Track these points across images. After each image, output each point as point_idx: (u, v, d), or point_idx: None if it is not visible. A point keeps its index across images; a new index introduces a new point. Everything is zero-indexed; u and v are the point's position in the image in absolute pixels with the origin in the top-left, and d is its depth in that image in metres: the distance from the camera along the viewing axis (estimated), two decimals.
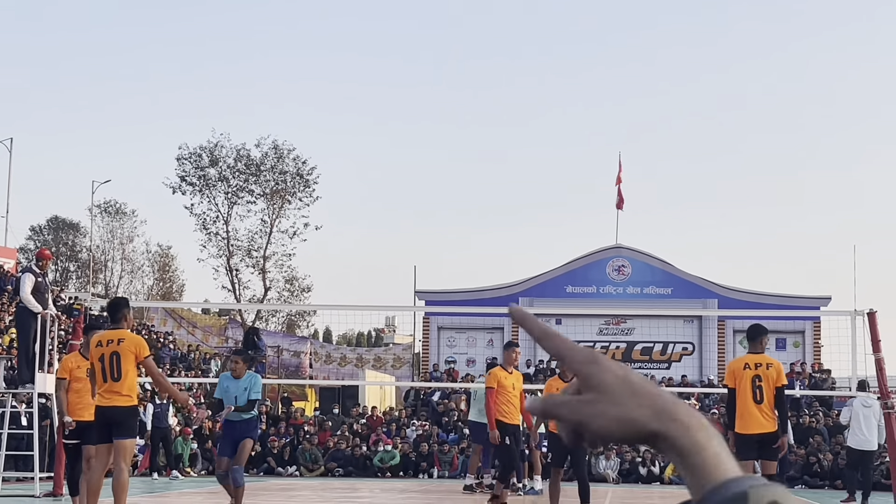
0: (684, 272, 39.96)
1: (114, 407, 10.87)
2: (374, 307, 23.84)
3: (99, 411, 11.02)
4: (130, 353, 10.91)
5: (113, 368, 10.90)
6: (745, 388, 11.34)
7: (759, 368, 11.35)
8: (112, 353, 10.91)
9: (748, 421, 11.39)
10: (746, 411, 11.37)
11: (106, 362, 10.94)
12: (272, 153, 49.84)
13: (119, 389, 10.89)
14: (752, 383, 11.28)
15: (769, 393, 11.30)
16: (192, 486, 22.04)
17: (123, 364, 10.89)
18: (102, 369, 10.96)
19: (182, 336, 44.23)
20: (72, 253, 64.48)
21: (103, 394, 10.96)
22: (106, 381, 10.91)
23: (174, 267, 66.93)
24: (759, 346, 11.64)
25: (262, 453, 28.22)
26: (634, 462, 27.16)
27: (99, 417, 11.02)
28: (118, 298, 12.43)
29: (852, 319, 17.27)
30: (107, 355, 10.93)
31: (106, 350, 10.95)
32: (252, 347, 36.83)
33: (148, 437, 25.82)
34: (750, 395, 11.31)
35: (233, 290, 50.15)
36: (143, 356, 11.00)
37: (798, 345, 38.51)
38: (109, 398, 10.88)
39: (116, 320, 11.33)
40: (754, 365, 11.40)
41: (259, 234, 50.37)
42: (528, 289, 39.84)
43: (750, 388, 11.31)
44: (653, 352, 39.31)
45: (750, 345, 11.77)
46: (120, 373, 10.89)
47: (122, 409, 10.90)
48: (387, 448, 28.44)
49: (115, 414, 10.87)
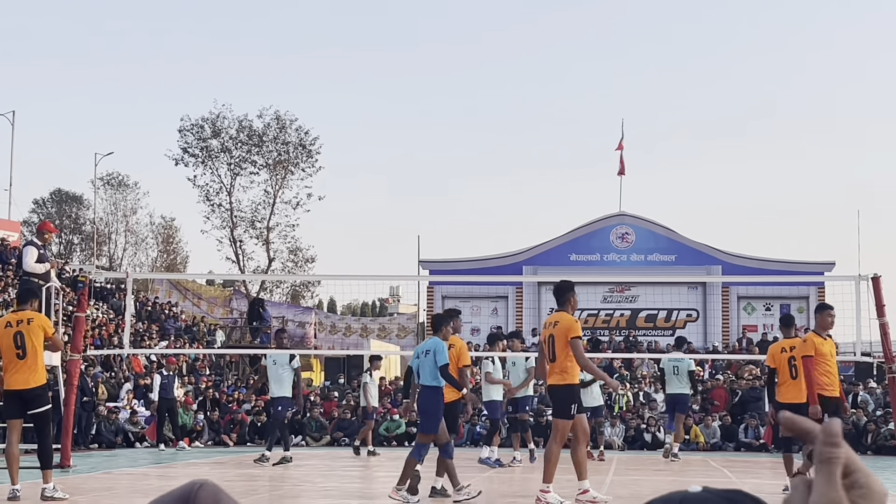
0: (688, 239, 39.92)
1: None
2: (379, 277, 23.81)
3: None
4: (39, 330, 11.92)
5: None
6: (783, 367, 13.82)
7: (793, 351, 13.76)
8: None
9: (786, 393, 13.81)
10: (785, 386, 13.81)
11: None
12: (274, 124, 49.77)
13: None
14: (789, 363, 13.76)
15: (802, 369, 13.56)
16: (198, 456, 22.12)
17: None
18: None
19: (187, 307, 44.29)
20: (75, 226, 64.49)
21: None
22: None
23: (178, 239, 66.99)
24: (791, 332, 14.30)
25: (269, 423, 28.28)
26: (640, 429, 27.22)
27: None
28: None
29: (857, 284, 17.24)
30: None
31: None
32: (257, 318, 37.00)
33: (154, 407, 25.89)
34: (788, 372, 13.77)
35: (237, 261, 50.19)
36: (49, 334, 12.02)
37: (802, 310, 38.51)
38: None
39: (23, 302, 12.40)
40: (789, 348, 13.85)
41: (262, 205, 50.37)
42: (532, 257, 39.83)
43: (787, 366, 13.78)
44: (657, 319, 39.33)
45: (787, 331, 14.43)
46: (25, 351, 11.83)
47: None
48: (392, 417, 28.53)
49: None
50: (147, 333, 33.56)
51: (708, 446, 26.72)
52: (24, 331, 11.75)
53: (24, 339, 11.72)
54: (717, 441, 26.88)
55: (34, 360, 11.77)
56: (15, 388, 11.76)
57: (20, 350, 11.71)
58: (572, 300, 11.67)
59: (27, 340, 11.72)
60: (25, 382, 11.70)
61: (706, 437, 27.02)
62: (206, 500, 1.46)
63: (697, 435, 27.08)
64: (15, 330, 11.77)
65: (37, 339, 11.77)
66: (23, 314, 11.97)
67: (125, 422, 25.97)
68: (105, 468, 17.67)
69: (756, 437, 25.69)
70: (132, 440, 25.66)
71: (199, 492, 1.46)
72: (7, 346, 11.78)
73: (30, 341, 11.73)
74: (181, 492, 1.47)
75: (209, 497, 1.47)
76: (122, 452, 23.26)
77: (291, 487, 14.31)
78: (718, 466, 19.93)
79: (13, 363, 11.77)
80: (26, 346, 11.72)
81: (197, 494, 1.46)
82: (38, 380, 11.79)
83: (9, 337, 11.76)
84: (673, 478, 17.19)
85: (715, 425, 27.27)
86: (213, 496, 1.47)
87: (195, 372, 32.11)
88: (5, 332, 11.80)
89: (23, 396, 11.74)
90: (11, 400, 11.85)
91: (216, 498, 1.48)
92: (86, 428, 24.22)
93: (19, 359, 11.72)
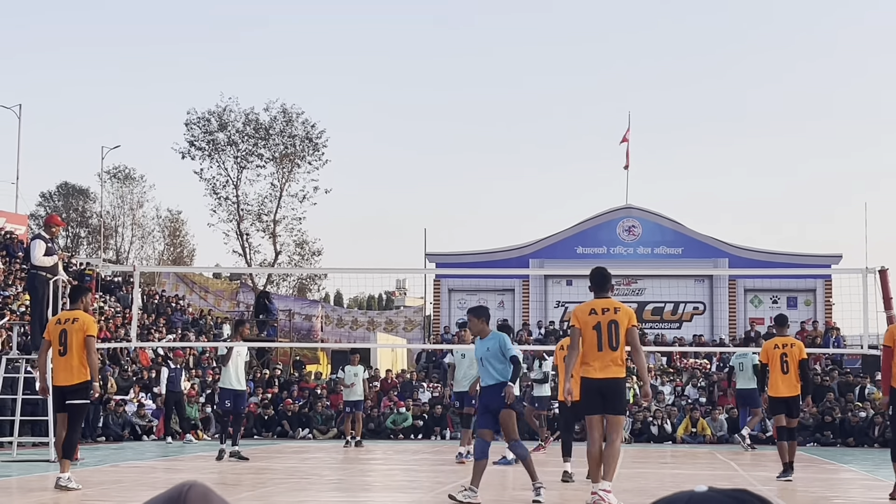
0: (695, 231, 39.86)
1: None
2: (385, 270, 23.86)
3: None
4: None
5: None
6: (775, 362, 14.73)
7: (785, 347, 14.81)
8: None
9: (779, 387, 14.72)
10: (778, 380, 14.71)
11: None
12: (281, 117, 49.79)
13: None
14: (781, 359, 14.71)
15: (793, 366, 14.71)
16: (205, 449, 22.17)
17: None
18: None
19: (194, 301, 44.35)
20: (82, 219, 64.55)
21: None
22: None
23: (184, 232, 67.06)
24: (784, 331, 15.21)
25: (276, 416, 28.37)
26: (647, 421, 27.22)
27: None
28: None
29: (864, 277, 17.22)
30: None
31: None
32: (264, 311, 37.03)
33: (162, 401, 25.93)
34: (780, 367, 14.70)
35: (243, 254, 50.25)
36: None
37: (809, 303, 38.45)
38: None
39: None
40: (782, 345, 14.84)
41: (269, 199, 50.41)
42: (539, 250, 39.80)
43: (779, 362, 14.72)
44: (664, 312, 39.30)
45: (780, 329, 15.25)
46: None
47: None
48: (399, 410, 28.57)
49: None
50: (154, 326, 33.61)
51: (715, 439, 26.72)
52: (69, 329, 12.39)
53: (68, 337, 12.35)
54: (724, 434, 26.88)
55: (75, 357, 12.34)
56: (58, 385, 12.42)
57: (62, 347, 12.36)
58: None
59: (69, 338, 12.34)
60: (67, 379, 12.33)
61: (713, 430, 27.02)
62: (195, 500, 1.47)
63: (704, 428, 27.08)
64: (62, 327, 12.44)
65: (78, 339, 12.36)
66: (71, 313, 12.63)
67: (132, 415, 26.02)
68: (112, 461, 17.72)
69: (763, 430, 25.68)
70: (139, 433, 25.71)
71: (189, 493, 1.47)
72: (54, 343, 12.47)
73: (72, 340, 12.34)
74: (171, 493, 1.48)
75: (199, 497, 1.48)
76: (129, 445, 23.32)
77: (298, 480, 14.33)
78: (725, 459, 19.92)
79: (57, 360, 12.45)
80: (68, 344, 12.33)
81: (187, 495, 1.47)
82: (79, 377, 12.36)
83: (56, 333, 12.45)
84: (678, 471, 17.20)
85: (722, 418, 27.26)
86: (202, 496, 1.49)
87: (202, 365, 32.16)
88: (55, 329, 12.53)
89: (64, 391, 12.35)
90: (56, 395, 12.52)
91: (206, 498, 1.49)
92: (93, 421, 24.27)
93: (61, 355, 12.38)
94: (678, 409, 28.05)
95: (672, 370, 32.17)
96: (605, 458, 10.29)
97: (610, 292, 10.81)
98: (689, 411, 27.67)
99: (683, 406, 28.29)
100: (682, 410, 27.89)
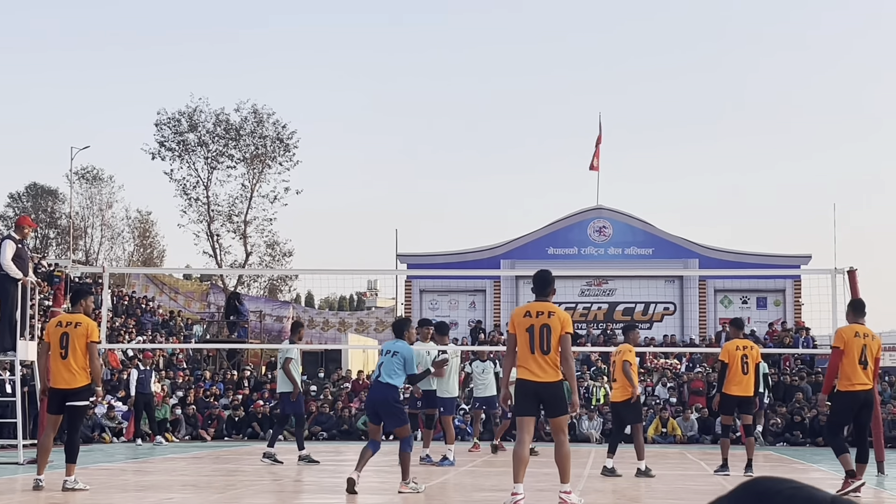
0: (665, 232, 40.01)
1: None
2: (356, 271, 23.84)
3: None
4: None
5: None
6: (736, 363, 15.54)
7: (745, 349, 15.65)
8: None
9: (735, 386, 15.58)
10: (735, 380, 15.54)
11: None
12: (252, 118, 49.63)
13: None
14: (741, 360, 15.52)
15: (752, 367, 15.61)
16: (175, 451, 22.04)
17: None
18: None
19: (164, 302, 44.11)
20: (51, 220, 64.09)
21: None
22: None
23: (154, 233, 66.73)
24: (741, 334, 16.18)
25: (247, 418, 28.24)
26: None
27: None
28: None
29: (833, 277, 17.35)
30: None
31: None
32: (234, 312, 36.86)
33: (132, 403, 25.78)
34: (739, 368, 15.52)
35: (214, 255, 50.05)
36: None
37: (779, 303, 38.66)
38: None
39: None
40: (742, 347, 15.69)
41: (239, 199, 50.27)
42: (510, 251, 39.85)
43: (740, 363, 15.53)
44: (634, 312, 39.42)
45: (737, 332, 16.08)
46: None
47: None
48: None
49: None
50: (124, 328, 33.41)
51: (685, 439, 26.81)
52: (71, 333, 12.42)
53: (70, 340, 12.39)
54: (695, 434, 26.97)
55: (77, 361, 12.38)
56: (58, 387, 12.40)
57: (63, 350, 12.39)
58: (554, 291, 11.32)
59: (71, 342, 12.38)
60: (68, 382, 12.35)
61: (684, 430, 27.12)
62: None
63: (675, 428, 27.17)
64: (63, 330, 12.46)
65: (79, 343, 12.41)
66: (73, 317, 12.62)
67: (102, 417, 25.85)
68: (81, 463, 17.54)
69: (733, 430, 25.75)
70: (109, 435, 25.52)
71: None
72: (54, 345, 12.48)
73: (74, 344, 12.37)
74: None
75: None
76: (99, 447, 23.15)
77: (269, 483, 14.27)
78: (695, 459, 19.99)
79: (57, 362, 12.46)
80: (70, 348, 12.37)
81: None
82: (80, 380, 12.41)
83: (57, 336, 12.47)
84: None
85: (693, 418, 27.35)
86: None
87: (172, 366, 32.00)
88: (55, 331, 12.53)
89: (65, 394, 12.36)
90: (54, 397, 12.46)
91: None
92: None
93: (62, 358, 12.40)
94: (648, 409, 28.13)
95: (642, 370, 32.24)
96: (558, 460, 10.34)
97: (550, 296, 10.69)
98: (658, 411, 27.75)
99: (653, 406, 28.37)
100: (653, 410, 27.97)
